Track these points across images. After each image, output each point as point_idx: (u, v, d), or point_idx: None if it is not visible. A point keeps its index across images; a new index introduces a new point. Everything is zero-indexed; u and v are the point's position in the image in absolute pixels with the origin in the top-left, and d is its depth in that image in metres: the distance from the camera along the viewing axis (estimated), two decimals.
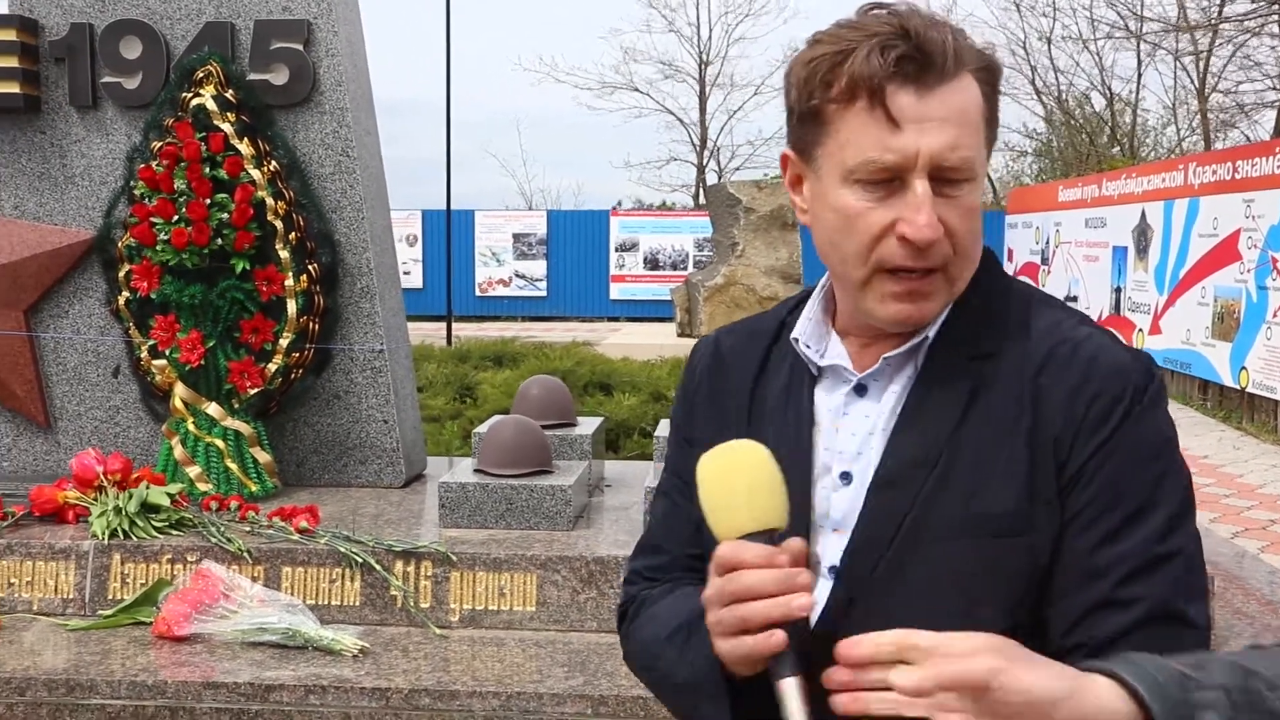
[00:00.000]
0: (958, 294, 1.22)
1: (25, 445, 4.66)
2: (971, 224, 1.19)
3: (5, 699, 3.16)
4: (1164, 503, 1.14)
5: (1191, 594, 1.13)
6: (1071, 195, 16.83)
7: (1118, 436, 1.15)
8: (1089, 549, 1.13)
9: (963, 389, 1.19)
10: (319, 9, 4.40)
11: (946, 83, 1.14)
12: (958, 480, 1.17)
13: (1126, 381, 1.17)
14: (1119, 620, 1.11)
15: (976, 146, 1.17)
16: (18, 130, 4.53)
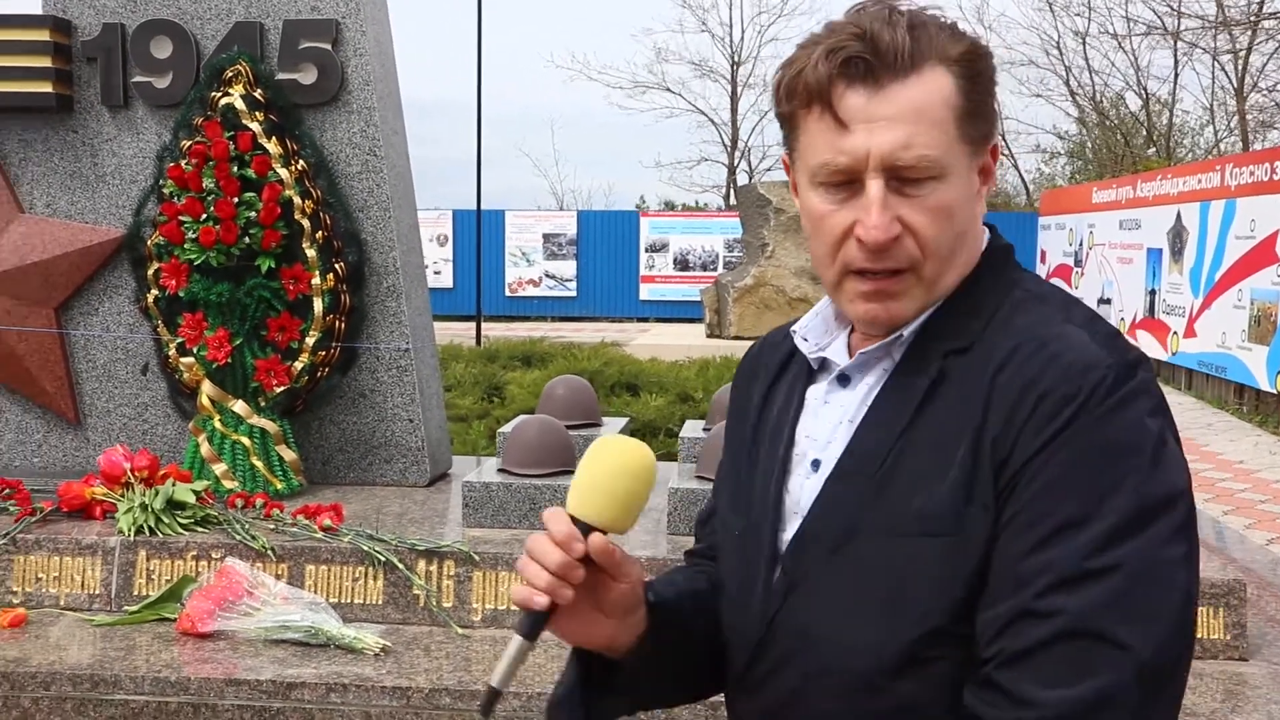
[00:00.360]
0: (940, 293, 1.20)
1: (55, 441, 4.70)
2: (942, 223, 1.16)
3: (31, 693, 3.18)
4: (1110, 513, 1.05)
5: (1128, 614, 1.03)
6: (1106, 197, 16.67)
7: (1064, 437, 1.07)
8: (1019, 555, 1.07)
9: (924, 384, 1.17)
10: (347, 9, 4.41)
11: (900, 80, 1.12)
12: (903, 475, 1.15)
13: (1084, 380, 1.09)
14: (1034, 633, 1.04)
15: (940, 143, 1.14)
16: (50, 129, 4.57)
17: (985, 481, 1.10)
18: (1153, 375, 1.14)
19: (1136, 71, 26.91)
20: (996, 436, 1.10)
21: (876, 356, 1.23)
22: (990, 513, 1.09)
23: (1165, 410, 1.12)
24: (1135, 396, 1.09)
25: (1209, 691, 3.16)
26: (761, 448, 1.31)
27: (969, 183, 1.18)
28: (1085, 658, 1.02)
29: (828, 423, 1.25)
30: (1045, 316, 1.17)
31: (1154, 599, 1.04)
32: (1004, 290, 1.21)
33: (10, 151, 4.60)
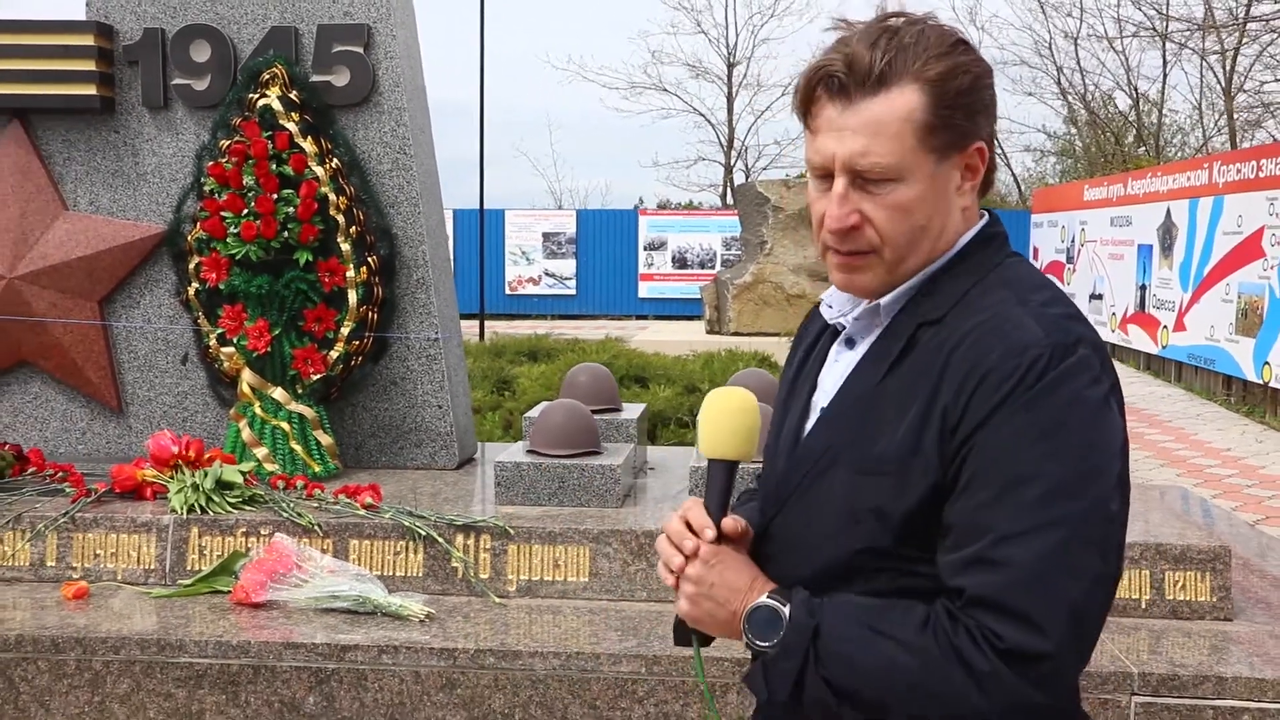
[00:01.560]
0: (905, 271, 1.42)
1: (99, 429, 4.92)
2: (898, 218, 1.38)
3: (102, 656, 3.40)
4: (1048, 475, 1.25)
5: (1063, 564, 1.24)
6: (1097, 194, 16.94)
7: (1005, 409, 1.27)
8: (973, 509, 1.28)
9: (898, 348, 1.40)
10: (378, 14, 4.63)
11: (868, 96, 1.35)
12: (871, 423, 1.38)
13: (1021, 359, 1.27)
14: (990, 579, 1.25)
15: (895, 152, 1.35)
16: (93, 130, 4.79)
17: (932, 440, 1.32)
18: (1093, 353, 1.31)
19: (1127, 71, 27.19)
20: (948, 405, 1.31)
21: (869, 323, 1.46)
22: (931, 466, 1.32)
23: (1103, 381, 1.31)
24: (1072, 373, 1.27)
25: (1197, 647, 3.40)
26: (795, 398, 1.56)
27: (933, 183, 1.38)
28: (1033, 603, 1.24)
29: (834, 376, 1.49)
30: (1004, 299, 1.36)
31: (1087, 552, 1.25)
32: (981, 272, 1.41)
33: (55, 151, 4.81)
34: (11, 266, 4.74)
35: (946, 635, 1.26)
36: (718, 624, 1.43)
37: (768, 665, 1.37)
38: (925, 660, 1.26)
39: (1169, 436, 10.05)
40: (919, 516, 1.33)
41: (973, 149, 1.40)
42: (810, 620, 1.34)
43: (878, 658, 1.29)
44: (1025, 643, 1.23)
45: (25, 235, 4.77)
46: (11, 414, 4.93)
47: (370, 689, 3.34)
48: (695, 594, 1.43)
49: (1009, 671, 1.23)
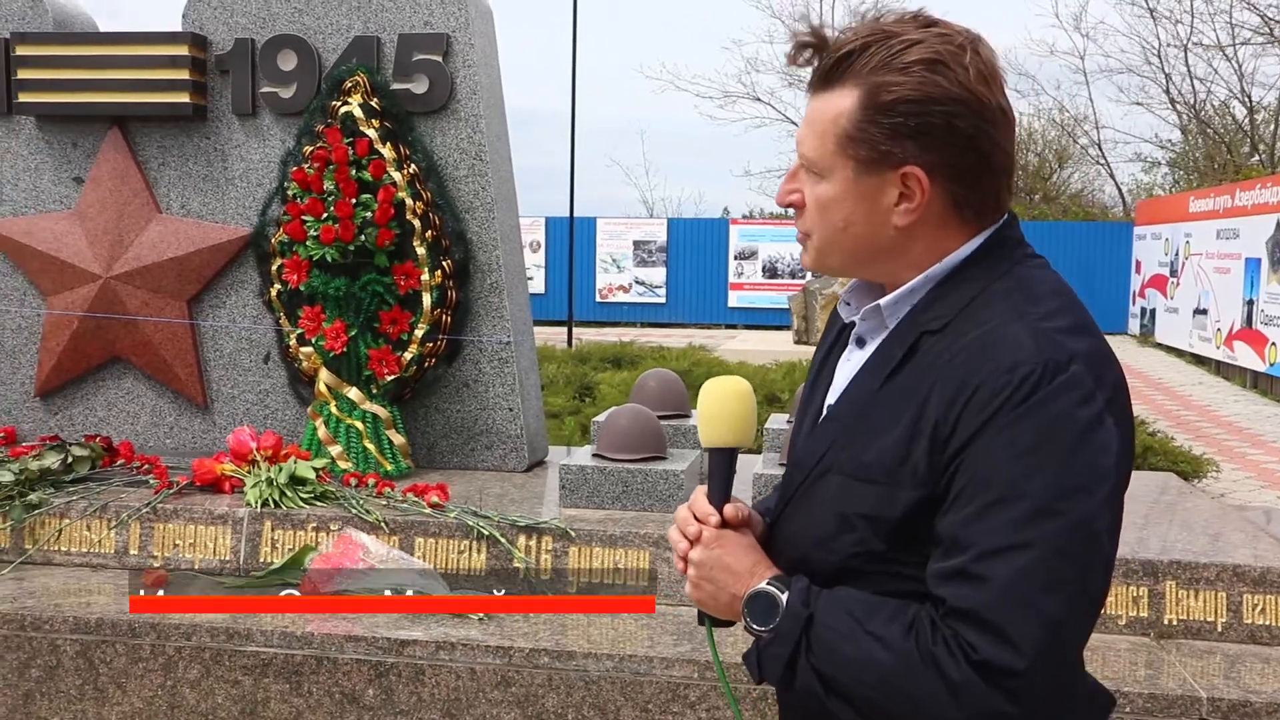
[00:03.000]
0: (824, 263, 1.47)
1: (185, 424, 5.09)
2: (817, 211, 1.42)
3: (175, 642, 3.52)
4: (1032, 494, 1.24)
5: (1045, 583, 1.23)
6: (1203, 206, 16.42)
7: (993, 426, 1.26)
8: (960, 523, 1.27)
9: (898, 355, 1.39)
10: (457, 23, 4.73)
11: (823, 92, 1.40)
12: (867, 428, 1.39)
13: (1011, 375, 1.26)
14: (972, 594, 1.25)
15: (817, 149, 1.40)
16: (186, 136, 4.97)
17: (922, 452, 1.32)
18: (1086, 370, 1.28)
19: (1240, 79, 26.29)
20: (939, 419, 1.31)
21: (876, 324, 1.46)
22: (919, 478, 1.32)
23: (1096, 399, 1.28)
24: (1061, 391, 1.26)
25: (1274, 674, 3.28)
26: (815, 394, 1.58)
27: (854, 191, 1.39)
28: (1008, 618, 1.23)
29: (843, 376, 1.50)
30: (1003, 311, 1.33)
31: (1067, 570, 1.24)
32: (988, 280, 1.38)
33: (150, 157, 5.00)
34: (108, 267, 4.95)
35: (926, 641, 1.28)
36: (720, 606, 1.47)
37: (762, 649, 1.41)
38: (905, 662, 1.28)
39: (1272, 457, 9.70)
40: (909, 525, 1.34)
41: (901, 173, 1.37)
42: (805, 609, 1.36)
43: (862, 653, 1.31)
44: (998, 657, 1.23)
45: (121, 237, 4.96)
46: (106, 408, 5.14)
47: (427, 684, 3.41)
48: (697, 577, 1.47)
49: (981, 683, 1.24)
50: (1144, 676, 3.25)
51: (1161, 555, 3.61)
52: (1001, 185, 1.40)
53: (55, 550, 4.15)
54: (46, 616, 3.64)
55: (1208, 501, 4.63)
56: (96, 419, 5.13)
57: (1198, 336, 16.32)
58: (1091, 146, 30.13)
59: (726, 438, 1.51)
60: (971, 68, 1.34)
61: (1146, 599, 3.55)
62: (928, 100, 1.33)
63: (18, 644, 3.62)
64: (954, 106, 1.33)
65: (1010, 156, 1.40)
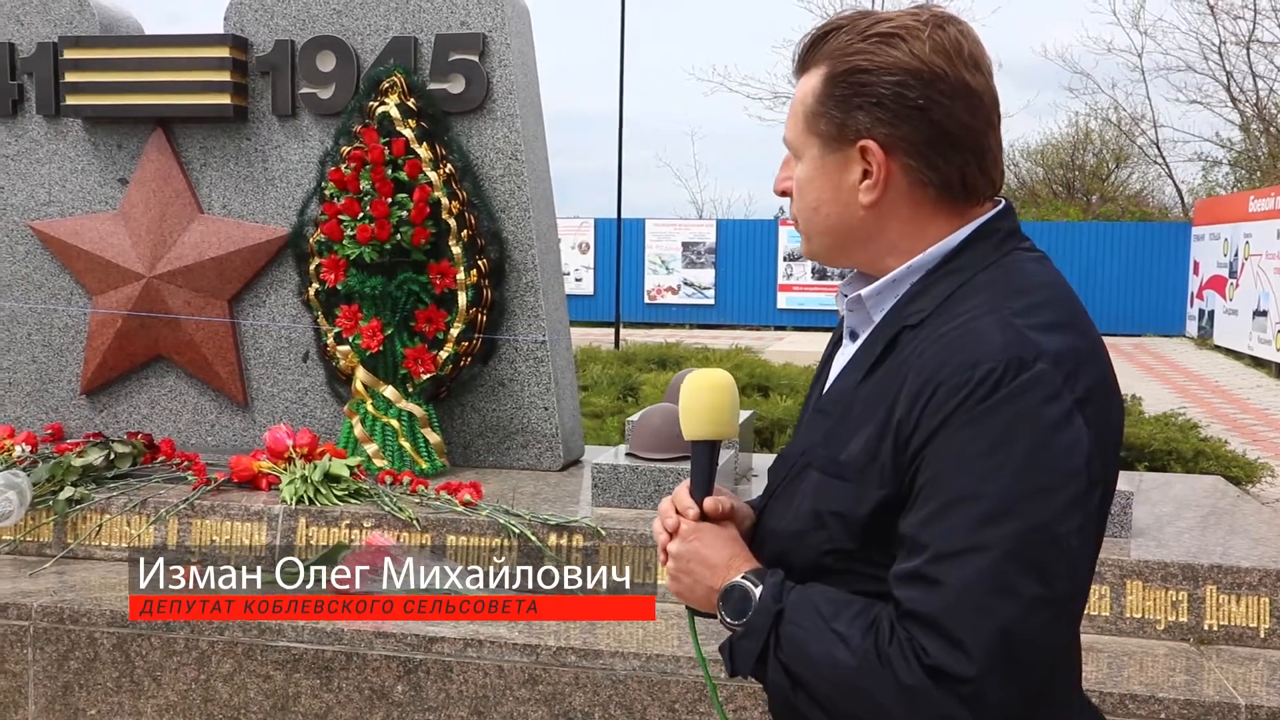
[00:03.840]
0: (812, 248, 1.46)
1: (226, 422, 5.16)
2: (797, 193, 1.42)
3: (209, 637, 3.57)
4: (987, 495, 1.20)
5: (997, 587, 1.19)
6: (1263, 206, 16.08)
7: (951, 425, 1.23)
8: (917, 525, 1.25)
9: (879, 350, 1.37)
10: (494, 23, 4.74)
11: (802, 75, 1.40)
12: (843, 427, 1.37)
13: (972, 373, 1.23)
14: (925, 599, 1.22)
15: (791, 129, 1.40)
16: (227, 137, 5.03)
17: (888, 451, 1.29)
18: (1054, 368, 1.23)
19: None
20: (902, 418, 1.28)
21: (863, 317, 1.44)
22: (886, 475, 1.29)
23: (1063, 398, 1.22)
24: (1024, 389, 1.21)
25: None
26: (816, 387, 1.56)
27: (821, 170, 1.39)
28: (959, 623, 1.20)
29: (835, 369, 1.49)
30: (976, 306, 1.30)
31: (1023, 575, 1.20)
32: (970, 272, 1.34)
33: (193, 158, 5.07)
34: (151, 266, 5.02)
35: (884, 642, 1.26)
36: (697, 598, 1.46)
37: (734, 643, 1.39)
38: (863, 662, 1.26)
39: None
40: (877, 524, 1.32)
41: (858, 147, 1.35)
42: (776, 604, 1.35)
43: (824, 652, 1.29)
44: (948, 662, 1.20)
45: (164, 237, 5.04)
46: (149, 405, 5.22)
47: (455, 680, 3.42)
48: (675, 569, 1.47)
49: (934, 687, 1.21)
50: (1181, 683, 3.18)
51: (1201, 558, 3.53)
52: (968, 163, 1.35)
53: (96, 545, 4.22)
54: (85, 610, 3.70)
55: (1255, 506, 4.52)
56: (140, 416, 5.21)
57: (1257, 339, 15.97)
58: (1150, 146, 29.65)
59: (707, 430, 1.50)
60: (929, 41, 1.31)
61: (1186, 604, 3.47)
62: (877, 70, 1.32)
63: (57, 636, 3.69)
64: (903, 76, 1.31)
65: (978, 135, 1.35)
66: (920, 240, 1.38)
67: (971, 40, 1.35)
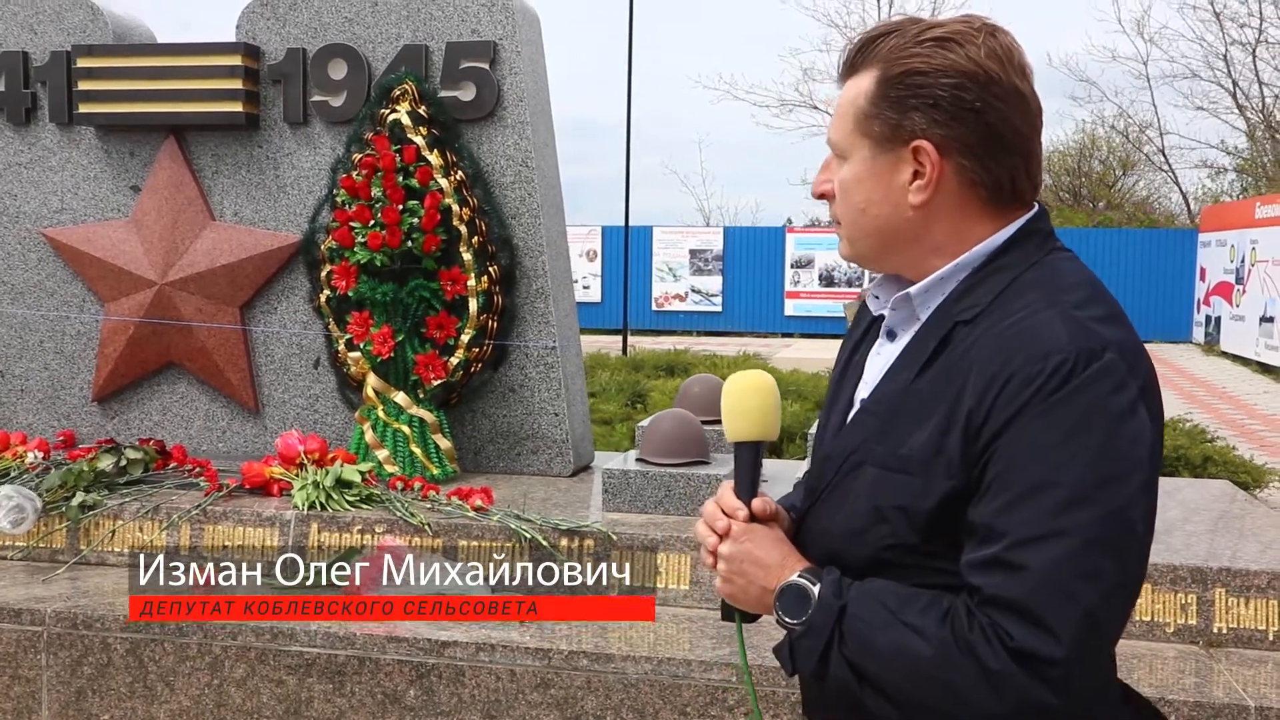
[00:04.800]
0: (855, 250, 1.47)
1: (237, 428, 5.18)
2: (842, 194, 1.44)
3: (221, 642, 3.58)
4: (1065, 483, 1.24)
5: (1080, 571, 1.23)
6: (1270, 212, 16.07)
7: (1026, 415, 1.26)
8: (994, 513, 1.27)
9: (932, 347, 1.38)
10: (504, 31, 4.77)
11: (850, 78, 1.42)
12: (902, 420, 1.38)
13: (1045, 364, 1.26)
14: (1008, 583, 1.24)
15: (839, 130, 1.42)
16: (239, 145, 5.06)
17: (955, 443, 1.31)
18: (1120, 359, 1.27)
19: None
20: (972, 409, 1.30)
21: (907, 315, 1.46)
22: (954, 468, 1.31)
23: (1129, 387, 1.27)
24: (1095, 379, 1.25)
25: None
26: (843, 388, 1.56)
27: (871, 170, 1.41)
28: (1045, 606, 1.23)
29: (875, 369, 1.49)
30: (1035, 300, 1.33)
31: (1103, 559, 1.24)
32: (1017, 270, 1.38)
33: (205, 165, 5.11)
34: (163, 273, 5.05)
35: (963, 629, 1.27)
36: (750, 600, 1.47)
37: (794, 641, 1.40)
38: (941, 651, 1.27)
39: None
40: (943, 516, 1.33)
41: (911, 147, 1.38)
42: (838, 600, 1.36)
43: (897, 643, 1.30)
44: (1036, 645, 1.23)
45: (176, 244, 5.07)
46: (161, 412, 5.24)
47: (468, 685, 3.43)
48: (728, 571, 1.47)
49: (1020, 671, 1.23)
50: (1191, 685, 3.18)
51: (1210, 562, 3.54)
52: (1017, 166, 1.39)
53: (109, 550, 4.24)
54: (99, 615, 3.72)
55: (1263, 510, 4.52)
56: (151, 423, 5.23)
57: (1264, 344, 15.95)
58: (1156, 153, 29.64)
59: (751, 431, 1.51)
60: (984, 46, 1.35)
61: (1195, 606, 3.48)
62: (934, 72, 1.35)
63: (70, 642, 3.71)
64: (960, 79, 1.34)
65: (1027, 139, 1.39)
66: (964, 242, 1.41)
67: (1019, 49, 1.39)
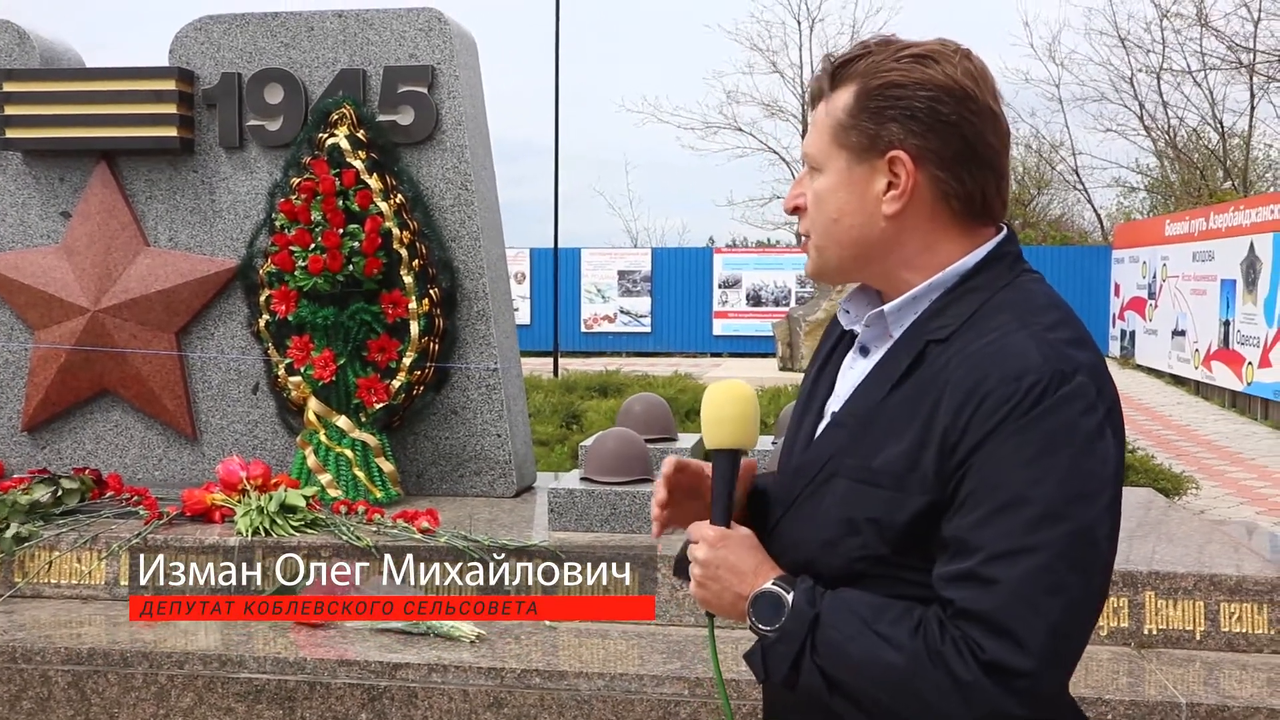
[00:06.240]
0: (824, 264, 1.52)
1: (174, 455, 5.12)
2: (815, 206, 1.48)
3: (167, 671, 3.54)
4: (1039, 499, 1.27)
5: (1049, 586, 1.27)
6: (1179, 229, 16.63)
7: (1000, 433, 1.30)
8: (969, 527, 1.31)
9: (905, 364, 1.43)
10: (441, 55, 4.81)
11: (828, 96, 1.47)
12: (874, 435, 1.42)
13: (1019, 384, 1.30)
14: (980, 596, 1.29)
15: (816, 144, 1.47)
16: (174, 169, 5.02)
17: (930, 458, 1.35)
18: (1090, 380, 1.32)
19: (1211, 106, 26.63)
20: (947, 426, 1.34)
21: (880, 332, 1.50)
22: (927, 483, 1.35)
23: (1098, 409, 1.32)
24: (1067, 400, 1.30)
25: (1251, 680, 3.34)
26: (813, 400, 1.60)
27: (847, 181, 1.45)
28: (1016, 620, 1.28)
29: (847, 383, 1.53)
30: (1008, 322, 1.37)
31: (1070, 574, 1.28)
32: (990, 291, 1.43)
33: (138, 190, 5.06)
34: (96, 300, 4.98)
35: (935, 641, 1.31)
36: (724, 606, 1.49)
37: (767, 648, 1.42)
38: (913, 662, 1.31)
39: (1251, 474, 9.79)
40: (915, 529, 1.37)
41: (888, 158, 1.42)
42: (811, 609, 1.38)
43: (868, 653, 1.33)
44: (1006, 657, 1.27)
45: (110, 270, 5.01)
46: (94, 440, 5.16)
47: (420, 706, 3.43)
48: (703, 576, 1.49)
49: (989, 682, 1.27)
50: (1125, 685, 3.30)
51: (1140, 566, 3.67)
52: (989, 181, 1.43)
53: (45, 583, 4.16)
54: (38, 648, 3.66)
55: (1186, 516, 4.70)
56: (85, 452, 5.15)
57: (1176, 357, 16.47)
58: (1069, 173, 30.47)
59: (730, 439, 1.54)
60: (959, 66, 1.41)
61: (1127, 609, 3.61)
62: (912, 85, 1.39)
63: (9, 676, 3.64)
64: (937, 92, 1.39)
65: (999, 155, 1.44)
66: (933, 256, 1.45)
67: (991, 74, 1.45)
